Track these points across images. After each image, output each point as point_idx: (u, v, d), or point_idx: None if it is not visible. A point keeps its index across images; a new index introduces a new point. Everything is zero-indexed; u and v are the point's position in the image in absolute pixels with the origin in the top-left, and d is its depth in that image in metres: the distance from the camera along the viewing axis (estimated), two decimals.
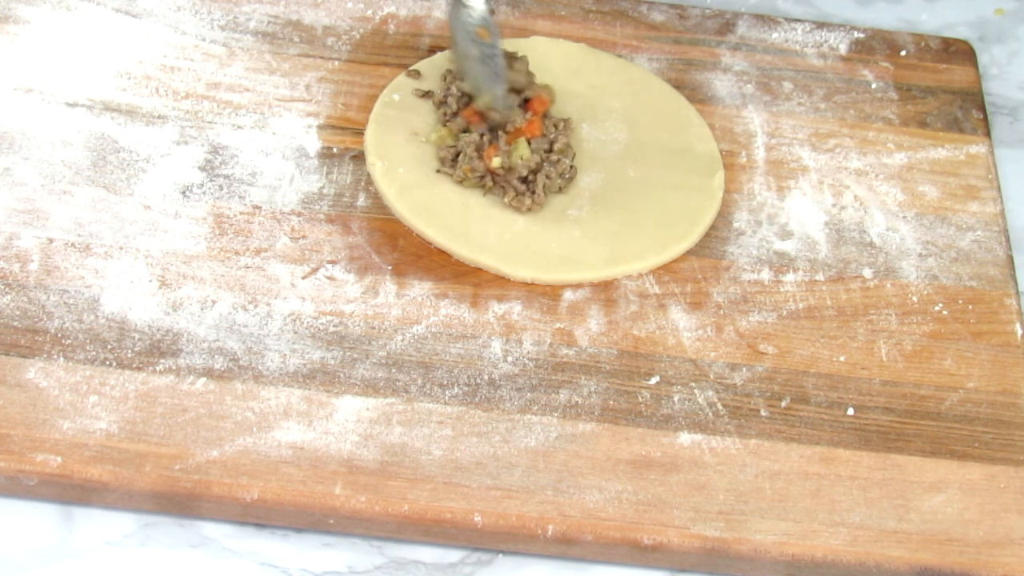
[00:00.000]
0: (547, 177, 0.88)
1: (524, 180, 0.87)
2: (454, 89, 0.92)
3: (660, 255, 0.87)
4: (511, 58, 0.91)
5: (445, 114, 0.92)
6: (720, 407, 0.80)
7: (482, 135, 0.89)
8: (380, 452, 0.75)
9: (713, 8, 1.06)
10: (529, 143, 0.88)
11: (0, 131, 0.88)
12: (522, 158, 0.87)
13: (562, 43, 0.99)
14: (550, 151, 0.89)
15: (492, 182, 0.88)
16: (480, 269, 0.85)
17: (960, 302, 0.87)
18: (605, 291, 0.85)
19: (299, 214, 0.86)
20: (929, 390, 0.83)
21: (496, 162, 0.87)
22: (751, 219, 0.91)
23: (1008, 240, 0.92)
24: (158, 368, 0.77)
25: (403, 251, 0.86)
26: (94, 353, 0.78)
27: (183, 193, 0.86)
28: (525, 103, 0.90)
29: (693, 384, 0.81)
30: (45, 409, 0.75)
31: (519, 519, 0.74)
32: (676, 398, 0.80)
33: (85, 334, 0.78)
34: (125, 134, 0.89)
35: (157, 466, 0.73)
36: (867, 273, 0.89)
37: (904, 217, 0.92)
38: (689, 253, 0.88)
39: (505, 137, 0.88)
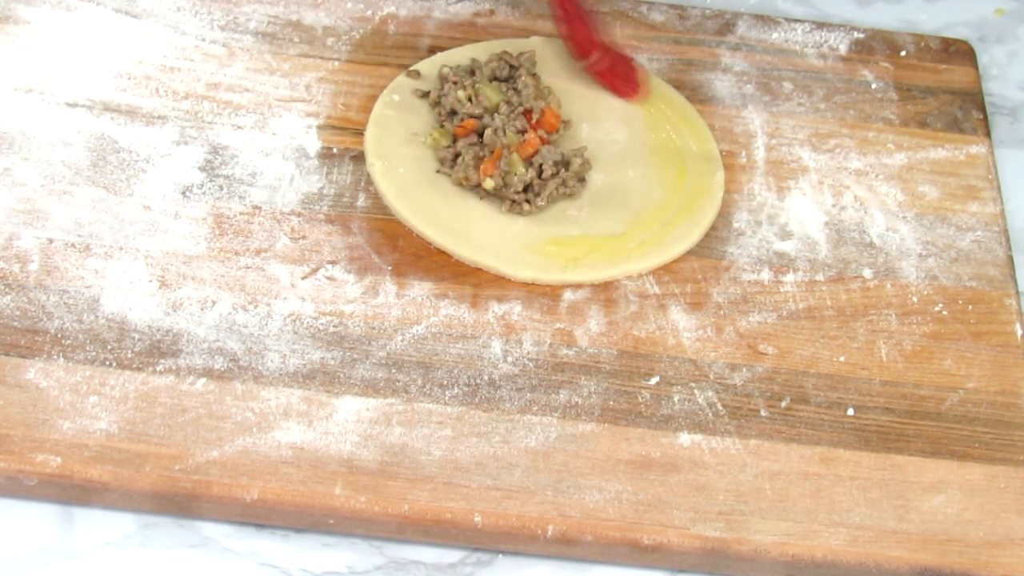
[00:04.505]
0: (555, 189, 0.88)
1: (525, 189, 0.87)
2: (449, 90, 0.91)
3: (660, 255, 0.87)
4: (525, 74, 0.92)
5: (440, 115, 0.92)
6: (720, 407, 0.80)
7: (480, 144, 0.89)
8: (380, 452, 0.75)
9: (713, 8, 1.06)
10: (530, 160, 0.88)
11: (0, 131, 0.88)
12: (516, 175, 0.87)
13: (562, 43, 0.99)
14: (566, 167, 0.88)
15: (487, 192, 0.88)
16: (480, 269, 0.85)
17: (960, 302, 0.87)
18: (605, 291, 0.85)
19: (299, 214, 0.86)
20: (929, 390, 0.83)
21: (489, 183, 0.86)
22: (751, 219, 0.91)
23: (1008, 240, 0.92)
24: (158, 368, 0.77)
25: (403, 251, 0.86)
26: (94, 353, 0.78)
27: (183, 193, 0.87)
28: (526, 115, 0.90)
29: (693, 384, 0.81)
30: (45, 409, 0.75)
31: (519, 519, 0.74)
32: (676, 398, 0.80)
33: (85, 334, 0.78)
34: (125, 134, 0.89)
35: (157, 466, 0.73)
36: (867, 273, 0.89)
37: (904, 217, 0.92)
38: (689, 253, 0.88)
39: (502, 152, 0.87)
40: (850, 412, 0.81)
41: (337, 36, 0.98)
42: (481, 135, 0.89)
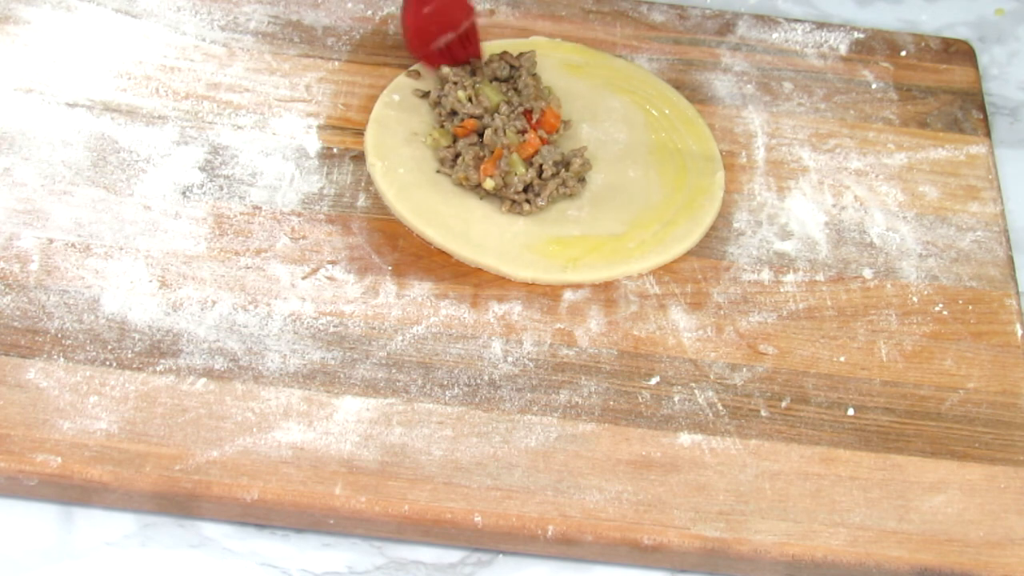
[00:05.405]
0: (555, 188, 0.87)
1: (525, 189, 0.87)
2: (449, 90, 0.91)
3: (660, 255, 0.87)
4: (526, 74, 0.92)
5: (441, 115, 0.92)
6: (720, 407, 0.80)
7: (480, 144, 0.89)
8: (380, 452, 0.75)
9: (713, 8, 1.06)
10: (530, 160, 0.88)
11: (0, 131, 0.88)
12: (516, 175, 0.87)
13: (562, 43, 1.00)
14: (566, 167, 0.88)
15: (487, 192, 0.88)
16: (480, 269, 0.85)
17: (960, 302, 0.87)
18: (605, 291, 0.85)
19: (299, 214, 0.86)
20: (929, 390, 0.83)
21: (489, 183, 0.86)
22: (751, 219, 0.91)
23: (1008, 240, 0.92)
24: (158, 368, 0.77)
25: (403, 251, 0.86)
26: (94, 353, 0.78)
27: (183, 193, 0.86)
28: (527, 115, 0.90)
29: (693, 384, 0.81)
30: (45, 409, 0.75)
31: (519, 519, 0.74)
32: (676, 398, 0.80)
33: (85, 334, 0.78)
34: (125, 134, 0.89)
35: (157, 466, 0.73)
36: (867, 273, 0.89)
37: (904, 217, 0.92)
38: (689, 253, 0.88)
39: (502, 152, 0.87)
40: (850, 412, 0.81)
41: (337, 36, 0.98)
42: (481, 135, 0.89)
